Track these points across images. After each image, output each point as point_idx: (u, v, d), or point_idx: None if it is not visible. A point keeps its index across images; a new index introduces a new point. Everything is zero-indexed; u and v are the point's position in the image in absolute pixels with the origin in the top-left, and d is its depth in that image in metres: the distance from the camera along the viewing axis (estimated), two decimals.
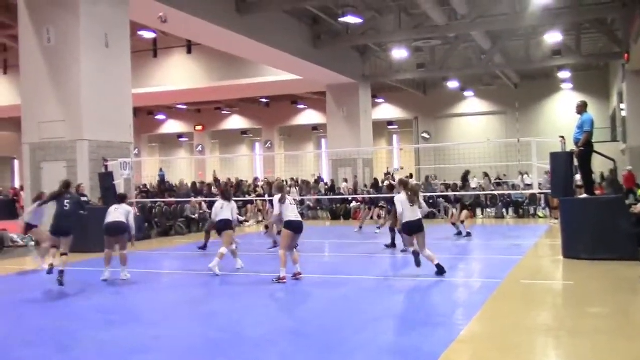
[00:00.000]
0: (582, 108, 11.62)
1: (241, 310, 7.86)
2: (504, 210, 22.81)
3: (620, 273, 9.68)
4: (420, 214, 9.80)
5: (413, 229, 9.65)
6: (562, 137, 12.12)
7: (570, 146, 11.77)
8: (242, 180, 28.25)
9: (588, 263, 10.57)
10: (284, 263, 9.46)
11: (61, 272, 9.42)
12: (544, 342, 6.23)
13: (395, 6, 22.47)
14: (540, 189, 17.42)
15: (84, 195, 14.94)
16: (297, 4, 20.70)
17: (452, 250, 13.89)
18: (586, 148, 11.29)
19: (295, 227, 9.52)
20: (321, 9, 22.63)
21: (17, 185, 33.66)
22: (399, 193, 10.18)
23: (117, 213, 10.30)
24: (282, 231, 9.85)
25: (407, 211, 9.60)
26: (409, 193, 9.71)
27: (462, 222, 15.65)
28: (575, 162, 11.64)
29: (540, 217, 21.91)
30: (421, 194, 10.14)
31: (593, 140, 11.42)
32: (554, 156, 11.75)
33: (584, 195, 11.67)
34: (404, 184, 10.18)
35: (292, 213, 9.62)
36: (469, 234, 15.50)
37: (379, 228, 16.62)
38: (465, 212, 15.78)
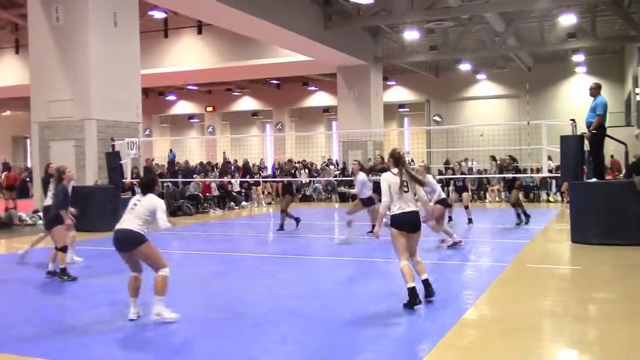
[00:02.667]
0: (595, 90, 11.42)
1: (242, 290, 7.83)
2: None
3: (629, 259, 9.55)
4: (418, 205, 6.95)
5: (404, 224, 6.73)
6: (573, 120, 11.92)
7: (582, 129, 11.58)
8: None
9: (597, 248, 10.43)
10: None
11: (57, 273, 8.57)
12: (548, 327, 6.14)
13: None
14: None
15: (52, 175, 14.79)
16: None
17: (460, 234, 13.78)
18: (598, 131, 11.10)
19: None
20: None
21: (29, 164, 33.83)
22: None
23: (133, 215, 6.40)
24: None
25: (397, 198, 6.71)
26: (402, 172, 6.78)
27: (467, 207, 15.26)
28: (587, 145, 11.46)
29: (551, 202, 21.74)
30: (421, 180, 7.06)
31: (606, 124, 11.23)
32: (564, 139, 11.56)
33: (594, 180, 11.50)
34: (395, 158, 6.91)
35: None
36: (470, 221, 15.00)
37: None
38: (465, 194, 15.43)
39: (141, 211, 6.39)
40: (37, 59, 16.48)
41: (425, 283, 6.83)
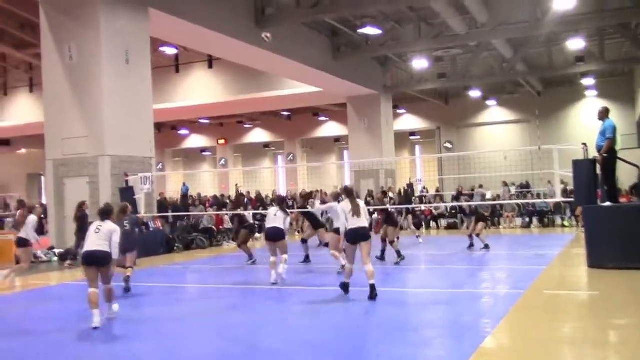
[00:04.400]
0: (603, 114, 11.43)
1: (257, 322, 7.80)
2: (528, 219, 22.54)
3: None
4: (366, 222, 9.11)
5: (357, 237, 8.92)
6: (585, 144, 11.91)
7: (593, 153, 11.55)
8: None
9: (614, 273, 10.32)
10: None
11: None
12: (568, 354, 6.06)
13: (415, 16, 22.38)
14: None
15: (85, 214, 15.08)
16: (315, 17, 20.71)
17: (475, 260, 13.71)
18: (610, 155, 11.07)
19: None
20: (340, 20, 22.66)
21: (44, 200, 34.08)
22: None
23: (96, 237, 7.87)
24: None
25: (351, 220, 8.96)
26: (353, 202, 9.03)
27: (478, 235, 15.11)
28: (599, 169, 11.42)
29: (565, 227, 21.58)
30: (364, 208, 9.12)
31: (617, 147, 11.20)
32: (577, 163, 11.54)
33: (608, 203, 11.43)
34: (348, 192, 9.44)
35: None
36: (486, 247, 14.89)
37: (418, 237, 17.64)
38: (480, 224, 15.39)
39: (105, 234, 7.88)
40: (51, 97, 16.73)
41: (372, 287, 8.73)
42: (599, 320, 7.39)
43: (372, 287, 8.72)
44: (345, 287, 9.19)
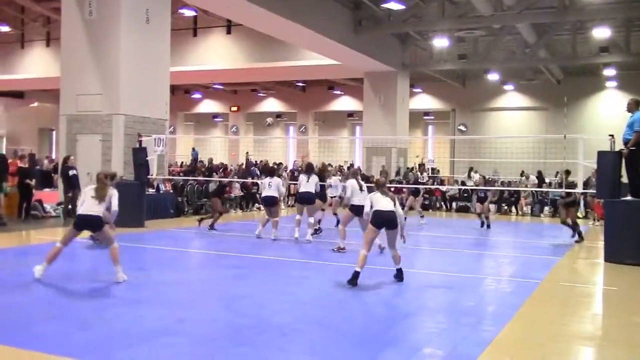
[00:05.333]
0: (633, 106, 11.10)
1: (267, 295, 7.67)
2: (539, 208, 22.33)
3: None
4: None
5: (382, 221, 8.40)
6: (612, 135, 11.60)
7: (620, 145, 11.27)
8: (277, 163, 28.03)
9: (632, 269, 10.12)
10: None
11: None
12: (585, 352, 5.89)
13: None
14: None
15: (73, 168, 14.91)
16: None
17: (489, 248, 13.54)
18: (636, 148, 10.79)
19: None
20: None
21: (54, 156, 34.02)
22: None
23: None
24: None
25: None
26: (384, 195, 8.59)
27: (482, 214, 16.57)
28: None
29: (579, 218, 21.33)
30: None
31: None
32: (602, 155, 11.25)
33: (630, 198, 11.19)
34: (379, 184, 8.96)
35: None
36: (488, 226, 16.34)
37: (422, 217, 17.65)
38: (485, 204, 16.76)
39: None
40: (68, 52, 16.50)
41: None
42: (619, 318, 7.21)
43: (399, 271, 8.65)
44: (355, 276, 8.22)
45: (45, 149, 41.44)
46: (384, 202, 8.44)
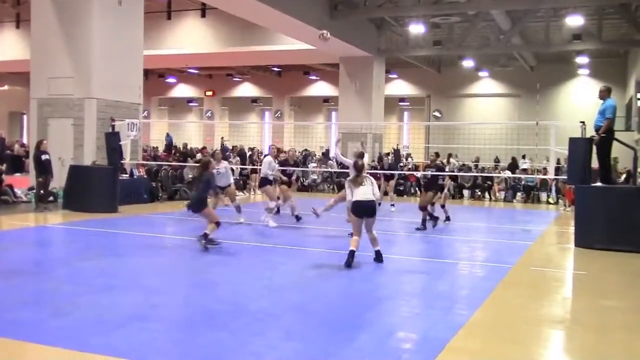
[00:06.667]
0: (605, 93, 11.29)
1: (243, 281, 7.68)
2: (512, 193, 22.61)
3: (637, 266, 9.44)
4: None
5: (361, 210, 8.61)
6: (583, 122, 11.78)
7: (591, 132, 11.44)
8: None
9: (602, 253, 10.31)
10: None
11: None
12: (556, 335, 6.01)
13: None
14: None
15: (46, 153, 14.55)
16: None
17: (463, 233, 13.67)
18: (607, 135, 10.97)
19: None
20: None
21: (25, 140, 33.49)
22: None
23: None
24: None
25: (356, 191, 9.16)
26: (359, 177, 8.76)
27: (443, 206, 14.55)
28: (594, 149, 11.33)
29: (550, 204, 21.66)
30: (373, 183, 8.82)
31: (614, 128, 11.11)
32: (573, 141, 11.41)
33: (599, 184, 11.38)
34: (357, 168, 8.95)
35: None
36: (447, 219, 14.46)
37: (392, 205, 17.49)
38: (444, 193, 14.69)
39: None
40: (39, 34, 16.22)
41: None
42: (588, 302, 7.35)
43: (377, 252, 8.85)
44: (351, 256, 8.47)
45: (16, 133, 40.79)
46: (362, 190, 8.58)
